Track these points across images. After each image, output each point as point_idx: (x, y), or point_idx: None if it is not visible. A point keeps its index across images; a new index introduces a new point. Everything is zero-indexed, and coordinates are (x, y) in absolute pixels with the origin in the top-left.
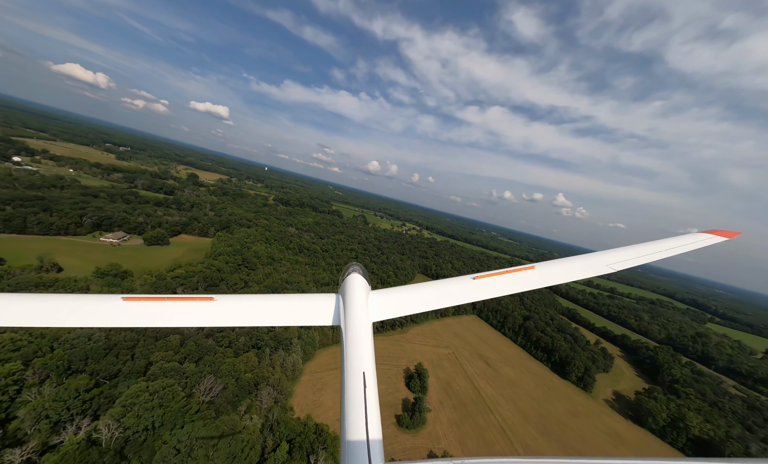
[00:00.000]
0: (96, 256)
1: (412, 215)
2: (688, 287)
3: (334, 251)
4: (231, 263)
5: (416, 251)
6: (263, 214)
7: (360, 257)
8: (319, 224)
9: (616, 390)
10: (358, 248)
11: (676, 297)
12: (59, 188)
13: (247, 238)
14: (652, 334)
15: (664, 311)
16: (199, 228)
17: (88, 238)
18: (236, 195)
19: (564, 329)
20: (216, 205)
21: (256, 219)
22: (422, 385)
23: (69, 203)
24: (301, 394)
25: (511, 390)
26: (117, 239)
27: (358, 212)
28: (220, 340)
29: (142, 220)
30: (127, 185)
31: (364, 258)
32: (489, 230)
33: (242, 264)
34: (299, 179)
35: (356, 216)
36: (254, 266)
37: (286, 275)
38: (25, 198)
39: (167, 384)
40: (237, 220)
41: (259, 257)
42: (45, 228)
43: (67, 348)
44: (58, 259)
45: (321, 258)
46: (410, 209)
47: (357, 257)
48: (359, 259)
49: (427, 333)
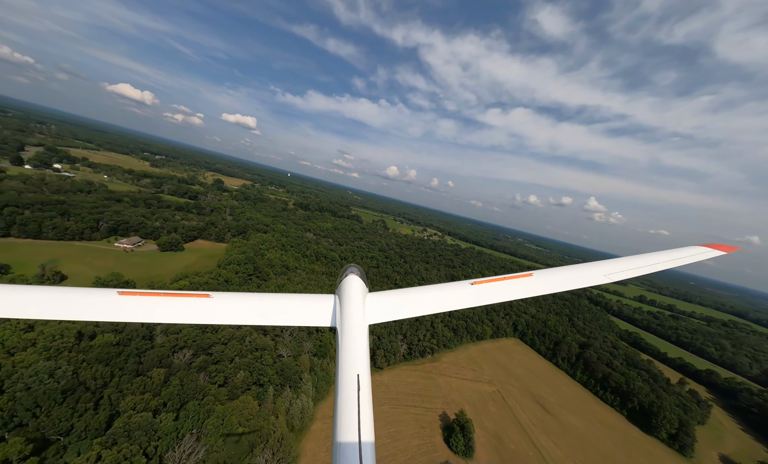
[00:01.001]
0: (105, 263)
1: (433, 220)
2: (751, 302)
3: (354, 259)
4: (241, 272)
5: (441, 260)
6: (281, 218)
7: (381, 266)
8: (338, 229)
9: (724, 455)
10: (379, 255)
11: (749, 318)
12: (86, 192)
13: (263, 244)
14: (742, 368)
15: (745, 337)
16: (215, 233)
17: (103, 243)
18: (257, 200)
19: (635, 362)
20: (235, 209)
21: (273, 224)
22: (467, 444)
23: (89, 207)
24: (311, 451)
25: (582, 451)
26: (131, 244)
27: (377, 216)
28: (214, 375)
29: (159, 225)
30: (154, 190)
31: (386, 268)
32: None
33: (253, 274)
34: (320, 185)
35: (376, 221)
36: (266, 277)
37: (301, 286)
38: (45, 202)
39: (127, 453)
40: (254, 225)
41: (272, 266)
42: (60, 233)
43: (20, 390)
44: (66, 266)
45: (339, 267)
46: (430, 213)
47: (378, 266)
48: (380, 268)
49: (462, 362)
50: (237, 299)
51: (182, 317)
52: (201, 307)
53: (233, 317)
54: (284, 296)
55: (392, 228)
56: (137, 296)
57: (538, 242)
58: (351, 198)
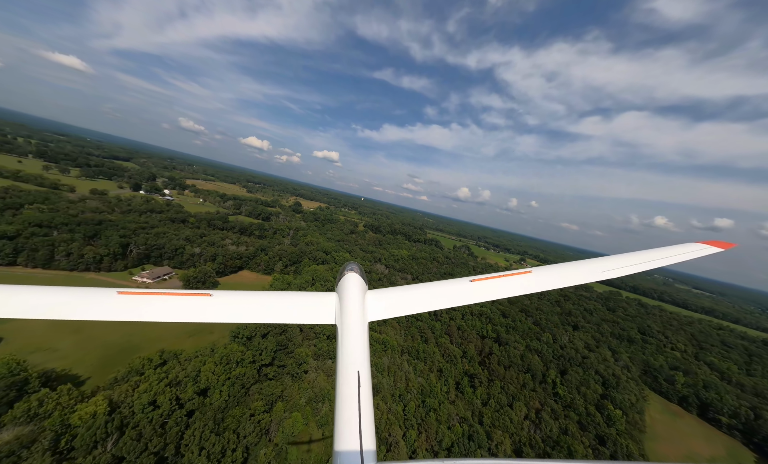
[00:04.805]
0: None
1: (524, 247)
2: None
3: (463, 319)
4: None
5: (602, 327)
6: (348, 242)
7: (504, 334)
8: (417, 259)
9: None
10: (494, 313)
11: None
12: (157, 212)
13: (316, 281)
14: None
15: None
16: (264, 262)
17: (123, 274)
18: (326, 221)
19: None
20: (298, 232)
21: (336, 251)
22: None
23: (131, 228)
24: None
25: None
26: (152, 278)
27: (458, 241)
28: None
29: (199, 251)
30: (233, 210)
31: (513, 334)
32: None
33: (282, 348)
34: (390, 207)
35: (458, 247)
36: (300, 359)
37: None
38: (77, 222)
39: None
40: (312, 252)
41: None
42: (74, 262)
43: None
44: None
45: (429, 331)
46: (514, 238)
47: (498, 338)
48: (509, 336)
49: None
50: (238, 297)
51: (183, 316)
52: (202, 305)
53: (235, 316)
54: (285, 294)
55: (480, 256)
56: (138, 296)
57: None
58: (423, 220)
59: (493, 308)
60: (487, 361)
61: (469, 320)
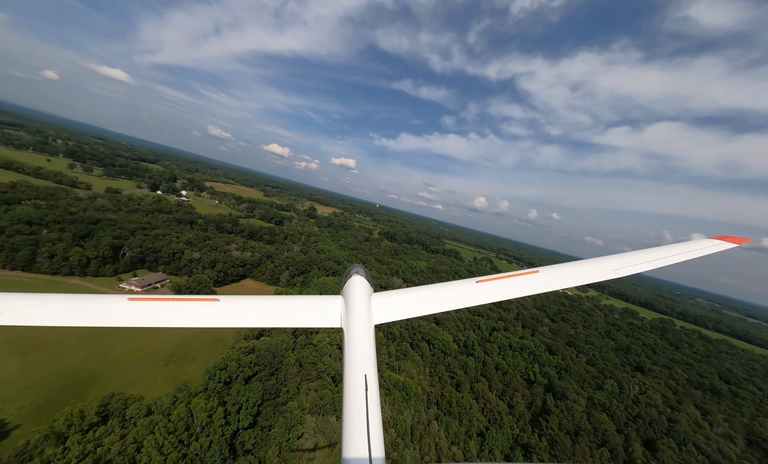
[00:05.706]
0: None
1: (545, 260)
2: None
3: (502, 351)
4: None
5: (670, 368)
6: (362, 251)
7: (564, 376)
8: (437, 272)
9: None
10: (532, 343)
11: None
12: (166, 212)
13: None
14: None
15: None
16: (270, 270)
17: (111, 281)
18: (340, 227)
19: None
20: (310, 238)
21: (348, 261)
22: None
23: (127, 229)
24: None
25: None
26: (142, 285)
27: (478, 253)
28: None
29: (199, 256)
30: (246, 213)
31: (568, 379)
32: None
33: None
34: (405, 215)
35: (478, 259)
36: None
37: None
38: (71, 220)
39: None
40: (323, 261)
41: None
42: (56, 265)
43: None
44: None
45: (461, 370)
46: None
47: (551, 386)
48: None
49: None
50: (245, 302)
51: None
52: (209, 310)
53: (242, 320)
54: (292, 298)
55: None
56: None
57: (749, 312)
58: (438, 229)
59: (537, 341)
60: (542, 422)
61: (509, 356)
